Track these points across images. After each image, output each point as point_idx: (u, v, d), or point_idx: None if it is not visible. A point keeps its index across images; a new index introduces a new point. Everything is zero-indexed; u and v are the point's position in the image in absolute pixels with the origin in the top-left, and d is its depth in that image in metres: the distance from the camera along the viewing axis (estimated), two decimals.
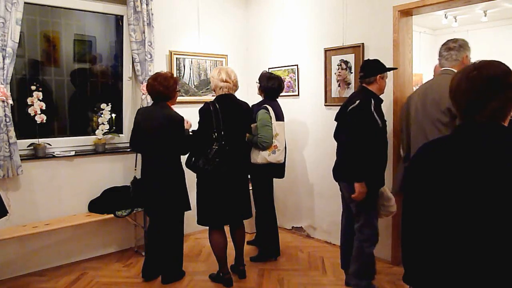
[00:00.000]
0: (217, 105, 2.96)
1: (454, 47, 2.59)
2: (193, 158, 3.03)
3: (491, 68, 1.20)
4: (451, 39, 2.65)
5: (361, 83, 2.84)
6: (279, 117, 3.43)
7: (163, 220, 3.15)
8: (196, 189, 3.08)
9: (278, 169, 3.47)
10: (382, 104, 2.84)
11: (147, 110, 3.23)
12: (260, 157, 3.32)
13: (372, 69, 2.75)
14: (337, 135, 3.00)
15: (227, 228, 3.19)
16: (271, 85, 3.45)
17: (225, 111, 2.97)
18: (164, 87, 3.04)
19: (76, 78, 3.83)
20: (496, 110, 1.17)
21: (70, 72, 3.78)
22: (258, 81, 3.58)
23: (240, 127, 3.11)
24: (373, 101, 2.71)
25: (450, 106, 2.38)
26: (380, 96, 2.85)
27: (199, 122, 3.05)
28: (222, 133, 2.94)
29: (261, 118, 3.32)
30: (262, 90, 3.51)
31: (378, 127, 2.72)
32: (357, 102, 2.69)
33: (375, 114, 2.69)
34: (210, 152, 2.92)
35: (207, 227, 3.15)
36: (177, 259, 3.22)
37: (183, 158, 3.15)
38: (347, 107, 2.78)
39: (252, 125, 3.35)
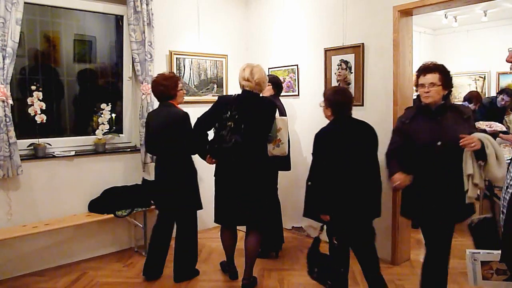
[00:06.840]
0: (237, 95, 3.01)
1: None
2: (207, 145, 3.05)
3: None
4: None
5: None
6: (282, 113, 3.53)
7: (174, 218, 3.19)
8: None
9: (283, 162, 3.57)
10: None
11: (155, 111, 3.31)
12: None
13: None
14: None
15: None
16: (281, 82, 3.75)
17: (244, 102, 2.95)
18: (164, 86, 3.11)
19: (76, 78, 3.83)
20: None
21: (70, 72, 3.78)
22: (269, 82, 3.53)
23: (258, 124, 2.99)
24: None
25: None
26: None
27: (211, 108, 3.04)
28: (237, 117, 2.87)
29: None
30: (275, 87, 3.65)
31: None
32: None
33: None
34: (225, 129, 2.90)
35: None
36: (190, 258, 3.25)
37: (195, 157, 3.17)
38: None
39: None
